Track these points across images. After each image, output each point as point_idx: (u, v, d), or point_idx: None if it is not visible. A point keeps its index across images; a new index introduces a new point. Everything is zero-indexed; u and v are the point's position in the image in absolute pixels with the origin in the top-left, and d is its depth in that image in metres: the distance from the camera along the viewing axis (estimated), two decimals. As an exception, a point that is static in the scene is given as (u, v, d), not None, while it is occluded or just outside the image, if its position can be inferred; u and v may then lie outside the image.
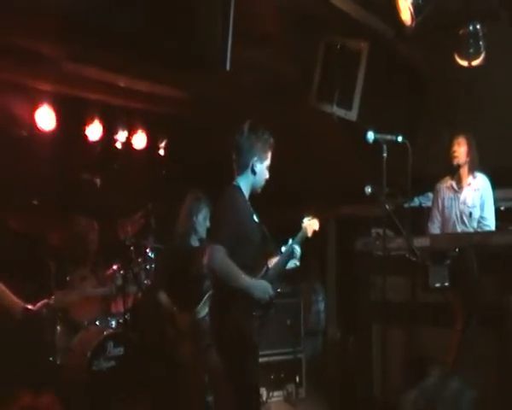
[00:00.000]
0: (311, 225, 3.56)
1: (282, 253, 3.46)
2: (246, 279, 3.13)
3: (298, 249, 3.47)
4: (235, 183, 3.29)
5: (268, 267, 3.34)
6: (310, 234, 3.55)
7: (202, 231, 4.54)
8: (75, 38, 3.84)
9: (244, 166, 3.27)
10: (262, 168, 3.29)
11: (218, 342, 3.27)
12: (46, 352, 4.38)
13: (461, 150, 4.52)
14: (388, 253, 3.89)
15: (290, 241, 3.49)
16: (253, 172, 3.27)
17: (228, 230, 3.12)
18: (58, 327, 4.47)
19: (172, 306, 4.41)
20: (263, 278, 3.26)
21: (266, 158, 3.29)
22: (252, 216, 3.30)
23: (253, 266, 3.23)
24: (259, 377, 3.45)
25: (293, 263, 3.50)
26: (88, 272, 4.85)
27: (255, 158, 3.25)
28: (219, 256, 3.04)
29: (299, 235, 3.51)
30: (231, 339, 3.13)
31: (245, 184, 3.29)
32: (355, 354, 5.48)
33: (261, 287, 3.19)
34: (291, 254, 3.45)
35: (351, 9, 3.67)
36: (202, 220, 4.51)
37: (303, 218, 3.58)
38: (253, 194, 3.35)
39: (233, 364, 3.17)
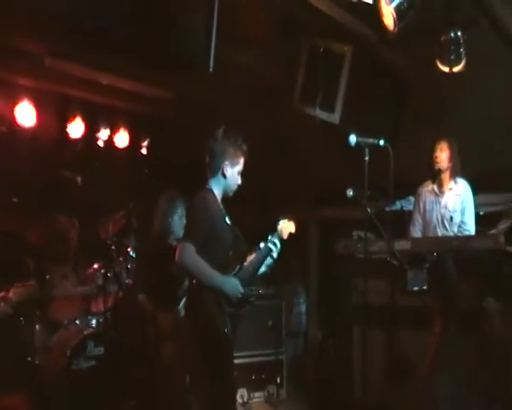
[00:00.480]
0: (286, 227, 3.58)
1: (258, 250, 3.51)
2: (216, 276, 3.22)
3: (276, 248, 3.49)
4: (207, 186, 3.38)
5: (241, 266, 3.41)
6: (285, 236, 3.57)
7: (178, 231, 4.53)
8: (58, 34, 3.81)
9: (216, 170, 3.35)
10: (233, 173, 3.36)
11: (192, 338, 3.32)
12: (24, 352, 4.33)
13: (443, 155, 4.56)
14: (369, 256, 3.91)
15: (269, 238, 3.51)
16: (224, 176, 3.34)
17: (199, 229, 3.21)
18: (37, 326, 4.42)
19: (152, 306, 4.40)
20: (235, 275, 3.33)
21: (238, 163, 3.38)
22: (224, 218, 3.38)
23: (226, 266, 3.30)
24: (234, 373, 3.47)
25: (269, 260, 3.53)
26: (69, 271, 4.81)
27: (226, 162, 3.32)
28: (189, 253, 3.14)
29: (275, 236, 3.54)
30: (204, 335, 3.20)
31: (217, 187, 3.37)
32: (336, 356, 5.51)
33: (231, 284, 3.27)
34: (268, 252, 3.49)
35: (335, 13, 3.68)
36: (178, 220, 4.52)
37: (279, 219, 3.60)
38: (225, 197, 3.43)
39: (206, 360, 3.22)
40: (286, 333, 5.67)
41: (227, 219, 3.41)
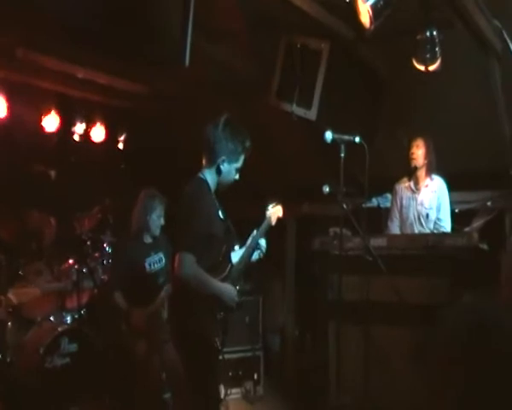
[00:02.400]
0: (275, 212, 3.53)
1: (246, 245, 3.41)
2: (215, 285, 3.07)
3: (263, 242, 3.45)
4: (201, 175, 3.14)
5: (232, 265, 3.26)
6: (274, 222, 3.53)
7: (155, 229, 4.52)
8: (31, 25, 3.74)
9: (211, 163, 3.11)
10: (230, 169, 3.12)
11: (180, 344, 3.20)
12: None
13: (419, 152, 4.60)
14: (345, 252, 3.93)
15: (254, 232, 3.45)
16: (219, 171, 3.11)
17: (196, 233, 2.98)
18: (9, 324, 4.36)
19: (126, 304, 4.37)
20: (228, 276, 3.20)
21: (237, 161, 3.14)
22: (218, 212, 3.17)
23: (218, 264, 3.16)
24: (220, 379, 3.42)
25: (257, 254, 3.46)
26: (43, 267, 4.74)
27: (223, 158, 3.08)
28: (189, 265, 2.92)
29: (264, 224, 3.47)
30: (194, 342, 3.05)
31: (211, 178, 3.13)
32: (312, 352, 5.54)
33: (229, 292, 3.13)
34: (255, 246, 3.41)
35: (311, 9, 3.67)
36: (156, 218, 4.49)
37: (267, 206, 3.56)
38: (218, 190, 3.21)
39: (195, 366, 3.09)
40: (263, 329, 5.69)
41: (220, 214, 3.20)
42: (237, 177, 3.21)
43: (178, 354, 3.25)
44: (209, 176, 3.12)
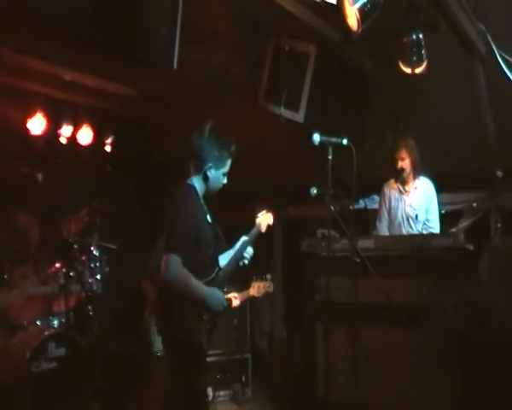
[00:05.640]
0: (265, 219, 3.56)
1: (235, 250, 3.43)
2: (201, 289, 3.09)
3: (249, 251, 3.47)
4: (189, 181, 3.20)
5: (220, 269, 3.30)
6: (264, 229, 3.54)
7: None
8: (17, 26, 3.71)
9: (198, 170, 3.18)
10: (217, 175, 3.19)
11: (167, 346, 3.22)
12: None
13: (405, 154, 4.63)
14: (333, 254, 3.95)
15: (244, 238, 3.48)
16: (206, 178, 3.18)
17: (182, 236, 3.02)
18: (-6, 328, 4.32)
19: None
20: (215, 279, 3.23)
21: (223, 166, 3.20)
22: (206, 216, 3.22)
23: (205, 268, 3.19)
24: (207, 381, 3.42)
25: (242, 262, 3.49)
26: (29, 271, 4.69)
27: (210, 164, 3.15)
28: (175, 268, 2.95)
29: (254, 231, 3.50)
30: (181, 344, 3.08)
31: (199, 184, 3.20)
32: (301, 354, 5.54)
33: (216, 297, 3.15)
34: (243, 253, 3.43)
35: (299, 12, 3.68)
36: None
37: (257, 213, 3.58)
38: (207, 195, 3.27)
39: (182, 368, 3.12)
40: (251, 331, 5.69)
41: (208, 218, 3.25)
42: (225, 181, 3.27)
43: (166, 356, 3.28)
44: (197, 183, 3.19)
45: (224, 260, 3.36)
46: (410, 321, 3.97)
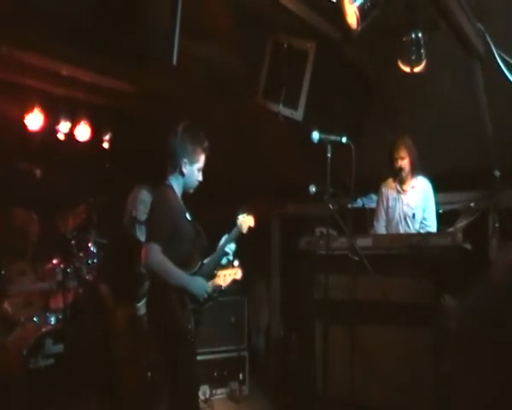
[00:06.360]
0: (245, 221, 3.60)
1: (217, 247, 3.52)
2: (182, 276, 3.24)
3: (232, 247, 3.53)
4: (167, 182, 3.37)
5: (202, 263, 3.42)
6: (245, 230, 3.58)
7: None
8: (15, 22, 3.68)
9: (174, 167, 3.36)
10: (192, 170, 3.36)
11: (155, 336, 3.34)
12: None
13: (403, 153, 4.63)
14: (331, 252, 3.95)
15: (224, 237, 3.54)
16: (182, 174, 3.34)
17: (161, 227, 3.22)
18: (-9, 324, 4.30)
19: (112, 302, 4.35)
20: (197, 272, 3.35)
21: (197, 161, 3.37)
22: (184, 214, 3.38)
23: (188, 262, 3.32)
24: (197, 368, 3.49)
25: (226, 259, 3.55)
26: (26, 267, 4.68)
27: (185, 160, 3.32)
28: (155, 254, 3.14)
29: (234, 231, 3.56)
30: (166, 332, 3.22)
31: (176, 183, 3.38)
32: (298, 352, 5.55)
33: (198, 284, 3.30)
34: (225, 251, 3.50)
35: (299, 9, 3.68)
36: (143, 209, 4.45)
37: (238, 214, 3.61)
38: (186, 193, 3.43)
39: (168, 356, 3.22)
40: (248, 329, 5.68)
41: (187, 215, 3.41)
42: (200, 178, 3.41)
43: (154, 345, 3.43)
44: (174, 181, 3.37)
45: (206, 260, 3.48)
46: (407, 319, 3.98)
